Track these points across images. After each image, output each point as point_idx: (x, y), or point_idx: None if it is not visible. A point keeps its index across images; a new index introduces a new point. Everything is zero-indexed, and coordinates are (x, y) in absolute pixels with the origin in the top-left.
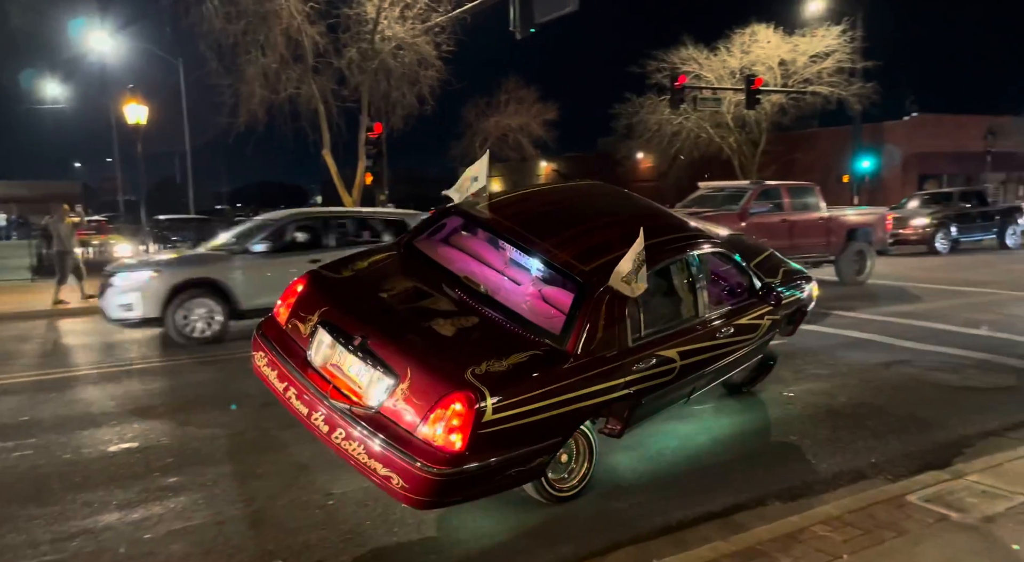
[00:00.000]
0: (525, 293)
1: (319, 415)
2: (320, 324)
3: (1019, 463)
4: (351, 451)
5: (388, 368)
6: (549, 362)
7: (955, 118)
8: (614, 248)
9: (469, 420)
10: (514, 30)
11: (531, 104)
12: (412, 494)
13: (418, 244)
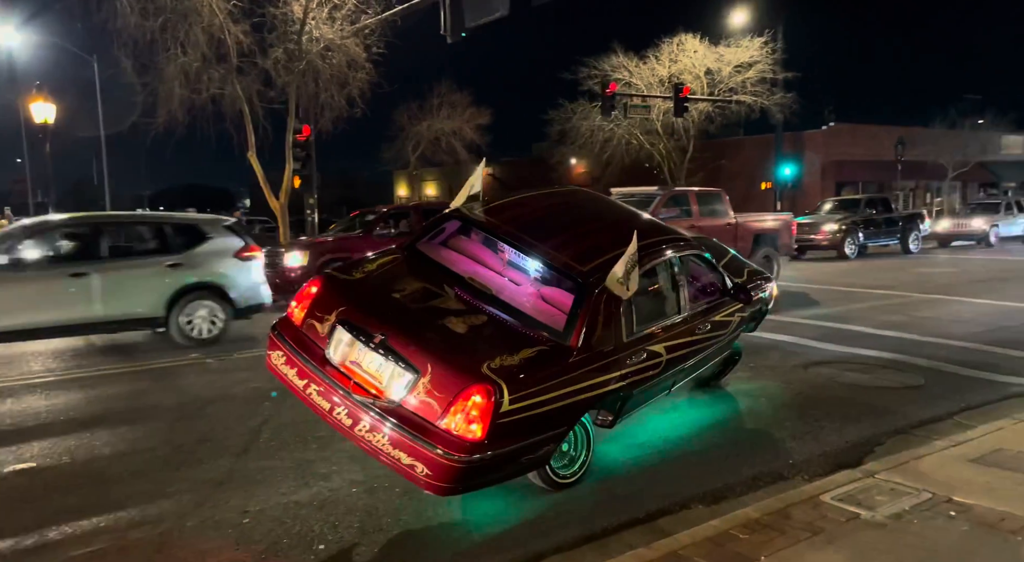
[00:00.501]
0: (525, 293)
1: (341, 409)
2: (339, 323)
3: (924, 460)
4: (375, 442)
5: (409, 364)
6: (556, 357)
7: (869, 128)
8: (607, 250)
9: (488, 410)
10: (445, 34)
11: (464, 108)
12: (435, 481)
13: (421, 247)
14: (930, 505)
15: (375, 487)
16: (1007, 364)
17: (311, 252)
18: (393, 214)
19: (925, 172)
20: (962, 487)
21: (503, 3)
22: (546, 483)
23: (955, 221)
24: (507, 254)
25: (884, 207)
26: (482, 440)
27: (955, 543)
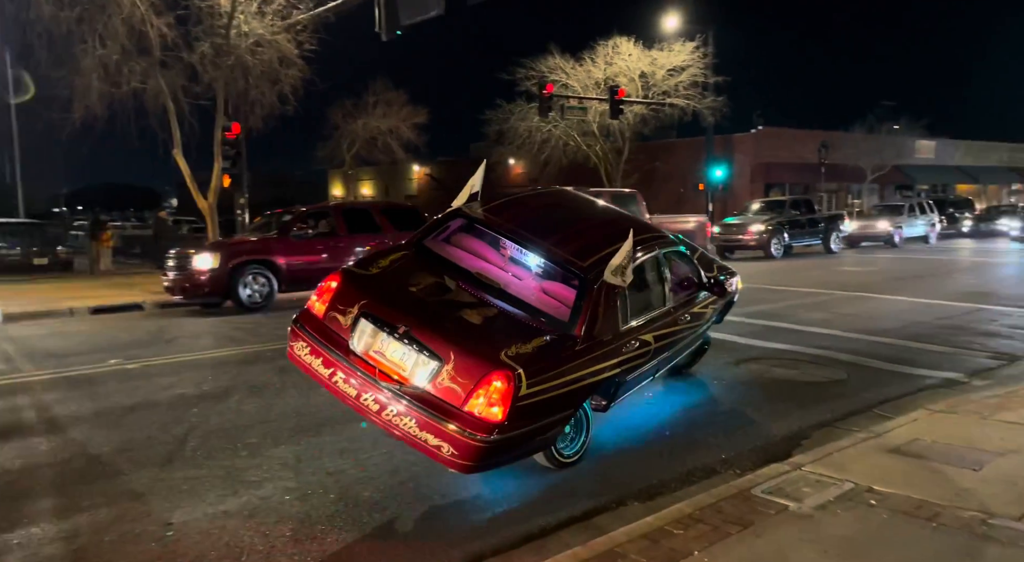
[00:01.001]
0: (529, 287)
1: (369, 396)
2: (362, 315)
3: (847, 452)
4: (403, 425)
5: (433, 353)
6: (563, 345)
7: (794, 132)
8: (602, 246)
9: (508, 394)
10: (380, 32)
11: (400, 107)
12: (460, 460)
13: (428, 244)
14: (852, 495)
15: (309, 494)
16: (921, 358)
17: (222, 254)
18: (312, 214)
19: (846, 175)
20: (881, 477)
21: (439, 2)
22: (551, 463)
23: (862, 223)
24: (509, 251)
25: (808, 208)
26: (503, 422)
27: (875, 531)
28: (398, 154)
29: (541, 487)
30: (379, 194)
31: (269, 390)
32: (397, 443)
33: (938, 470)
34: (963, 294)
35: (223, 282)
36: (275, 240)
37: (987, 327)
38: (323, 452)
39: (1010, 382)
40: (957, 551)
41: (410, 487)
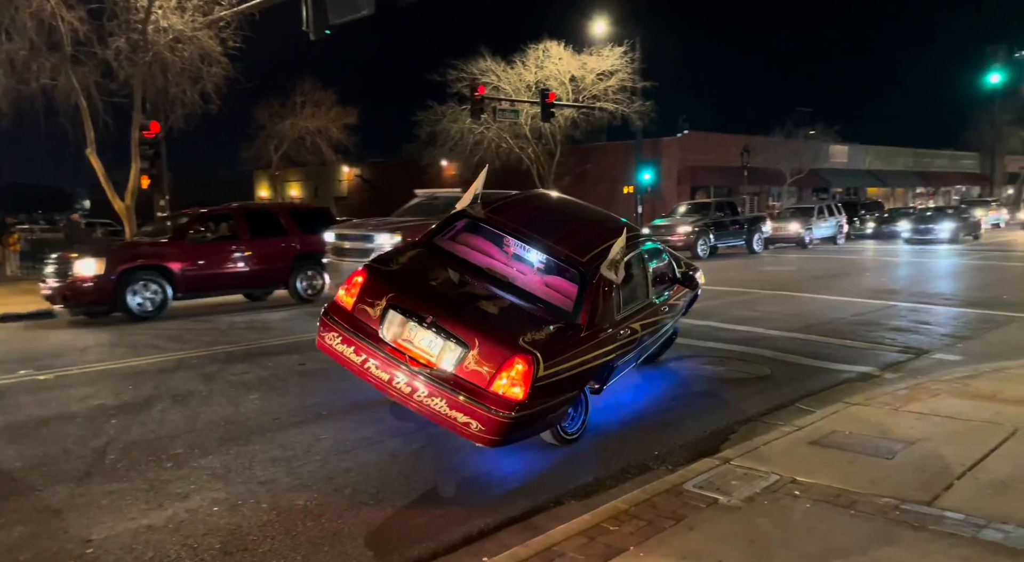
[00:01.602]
0: (533, 281)
1: (400, 380)
2: (390, 307)
3: (773, 444)
4: (433, 406)
5: (459, 340)
6: (571, 332)
7: (718, 136)
8: (596, 244)
9: (529, 376)
10: (307, 30)
11: (330, 107)
12: (487, 435)
13: (438, 242)
14: (778, 486)
15: (239, 504)
16: (839, 353)
17: (108, 259)
18: (212, 217)
19: (767, 178)
20: (804, 468)
21: (369, 2)
22: (556, 440)
23: (775, 225)
24: (512, 248)
25: (732, 210)
26: (524, 400)
27: (799, 520)
28: (327, 155)
29: (481, 490)
30: (308, 196)
31: (195, 398)
32: (331, 450)
33: (855, 460)
34: (874, 291)
35: (109, 290)
36: (170, 244)
37: (896, 323)
38: (254, 461)
39: (918, 374)
40: (873, 536)
41: (346, 494)
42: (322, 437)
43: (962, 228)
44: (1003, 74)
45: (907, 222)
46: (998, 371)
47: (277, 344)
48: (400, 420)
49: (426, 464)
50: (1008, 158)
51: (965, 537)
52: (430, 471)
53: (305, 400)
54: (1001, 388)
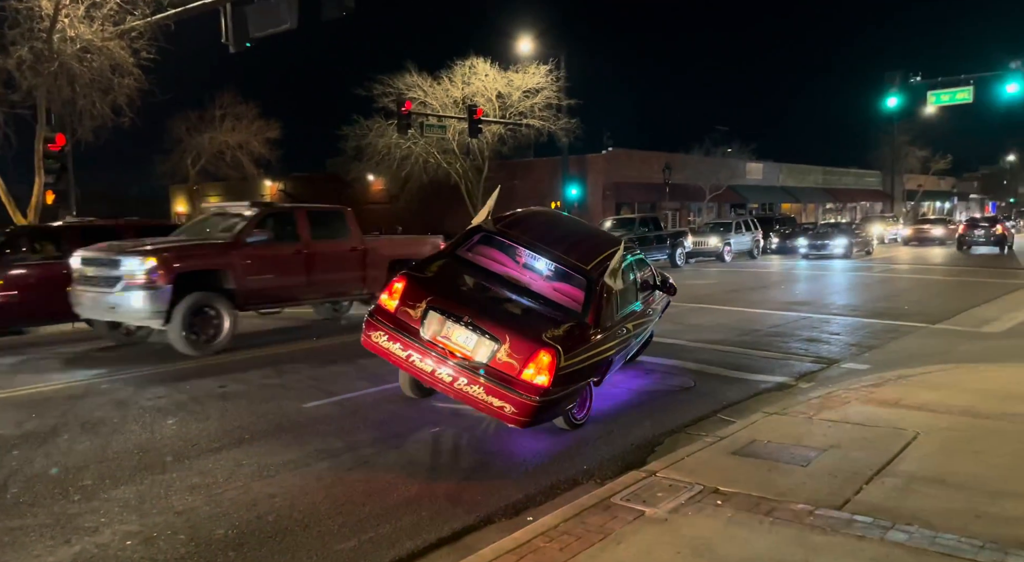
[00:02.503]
0: (544, 287)
1: (442, 371)
2: (430, 308)
3: (696, 455)
4: (472, 393)
5: (492, 336)
6: (582, 330)
7: (641, 153)
8: (596, 254)
9: (553, 366)
10: (227, 43)
11: (251, 120)
12: (519, 416)
13: (460, 253)
14: (701, 497)
15: (154, 537)
16: (757, 364)
17: None
18: (39, 234)
19: (688, 194)
20: (726, 478)
21: (291, 15)
22: (567, 424)
23: (696, 239)
24: (523, 258)
25: (655, 226)
26: (548, 387)
27: (721, 529)
28: (249, 169)
29: (412, 511)
30: None
31: (105, 426)
32: (253, 475)
33: (774, 468)
34: (788, 304)
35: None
36: None
37: (809, 334)
38: (170, 490)
39: (830, 383)
40: (789, 541)
41: (270, 521)
42: (244, 462)
43: (855, 244)
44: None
45: (804, 238)
46: (901, 378)
47: (196, 366)
48: (326, 442)
49: (355, 487)
50: (907, 176)
51: (873, 539)
52: (359, 494)
53: (226, 424)
54: (904, 394)
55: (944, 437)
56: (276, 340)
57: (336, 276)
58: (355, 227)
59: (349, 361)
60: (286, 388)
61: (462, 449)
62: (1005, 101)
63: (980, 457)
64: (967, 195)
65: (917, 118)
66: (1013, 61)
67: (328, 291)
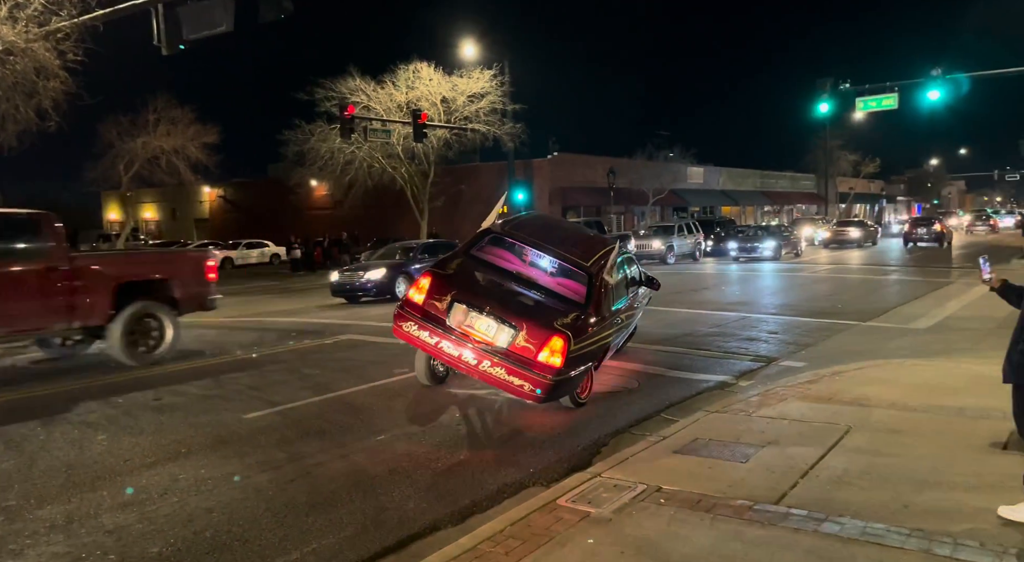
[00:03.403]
0: (550, 281)
1: (468, 355)
2: (455, 301)
3: (640, 455)
4: (495, 374)
5: (511, 324)
6: (586, 319)
7: (586, 158)
8: (591, 253)
9: (565, 349)
10: (159, 45)
11: (187, 125)
12: (536, 393)
13: (474, 253)
14: (645, 496)
15: (82, 557)
16: (699, 363)
17: None
18: None
19: (632, 198)
20: (669, 477)
21: (227, 17)
22: (572, 402)
23: (639, 242)
24: (529, 256)
25: (599, 229)
26: (561, 367)
27: (664, 527)
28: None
29: (353, 521)
30: (164, 218)
31: (30, 444)
32: (190, 489)
33: (715, 465)
34: (729, 305)
35: None
36: None
37: (749, 333)
38: (100, 508)
39: (768, 381)
40: (729, 536)
41: (207, 536)
42: (180, 477)
43: (784, 246)
44: (830, 104)
45: (734, 241)
46: (835, 375)
47: (131, 379)
48: (268, 453)
49: (298, 498)
50: (839, 179)
51: (808, 531)
52: (302, 506)
53: (161, 438)
54: (838, 390)
55: (874, 430)
56: (216, 351)
57: (20, 305)
58: (59, 239)
59: (292, 371)
60: (226, 399)
61: (411, 457)
62: (927, 107)
63: (907, 449)
64: (895, 197)
65: (847, 123)
66: (934, 69)
67: (12, 329)
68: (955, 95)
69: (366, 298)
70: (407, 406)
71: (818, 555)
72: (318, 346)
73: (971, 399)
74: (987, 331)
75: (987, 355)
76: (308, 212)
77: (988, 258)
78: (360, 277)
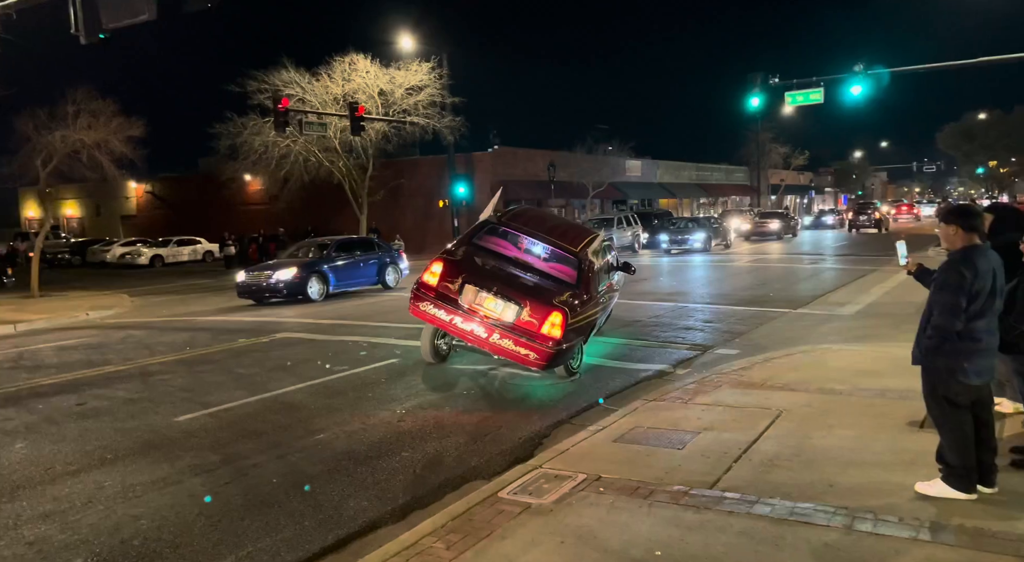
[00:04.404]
0: (545, 265)
1: (479, 329)
2: (465, 282)
3: (580, 445)
4: (503, 345)
5: (516, 302)
6: (579, 296)
7: (527, 151)
8: (578, 240)
9: (564, 323)
10: (78, 34)
11: (109, 118)
12: (540, 361)
13: (476, 241)
14: (585, 485)
15: None
16: (638, 353)
17: None
18: None
19: (572, 191)
20: (608, 466)
21: (149, 6)
22: (566, 372)
23: None
24: (525, 244)
25: None
26: (560, 338)
27: (604, 516)
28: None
29: (293, 521)
30: (89, 215)
31: None
32: (117, 497)
33: (652, 453)
34: (666, 295)
35: None
36: None
37: (686, 323)
38: (20, 519)
39: (704, 369)
40: (666, 522)
41: (135, 545)
42: (106, 484)
43: (714, 237)
44: (761, 98)
45: (665, 234)
46: (767, 361)
47: (50, 383)
48: (201, 456)
49: (233, 501)
50: (771, 171)
51: (741, 514)
52: (237, 508)
53: (85, 444)
54: (770, 376)
55: (803, 414)
56: (145, 354)
57: None
58: None
59: (226, 371)
60: (155, 402)
61: (350, 455)
62: (851, 102)
63: (833, 431)
64: (823, 188)
65: (778, 117)
66: (857, 65)
67: None
68: (876, 89)
69: (275, 299)
70: (346, 404)
71: (749, 536)
72: (253, 345)
73: (892, 381)
74: (906, 315)
75: (907, 338)
76: (242, 207)
77: (905, 243)
78: (269, 277)
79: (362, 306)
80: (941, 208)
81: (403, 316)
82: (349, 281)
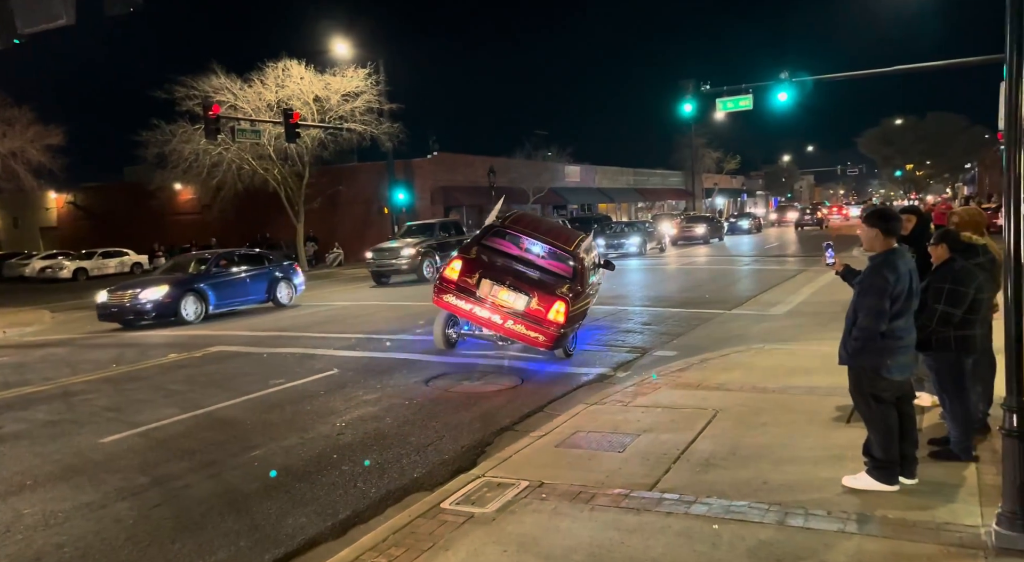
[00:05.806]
0: (545, 262)
1: (495, 317)
2: (482, 277)
3: (523, 452)
4: (517, 330)
5: (527, 293)
6: (576, 288)
7: (467, 157)
8: (572, 240)
9: (566, 310)
10: None
11: (26, 126)
12: (547, 343)
13: (484, 242)
14: (528, 492)
15: None
16: (579, 357)
17: None
18: None
19: (513, 196)
20: (551, 471)
21: (67, 10)
22: (564, 354)
23: None
24: (525, 244)
25: (457, 230)
26: (564, 323)
27: (547, 522)
28: (26, 181)
29: (230, 542)
30: (6, 227)
31: None
32: (37, 525)
33: (594, 457)
34: (604, 298)
35: None
36: None
37: (625, 325)
38: None
39: (643, 371)
40: (607, 526)
41: None
42: (25, 511)
43: (649, 241)
44: (693, 105)
45: (601, 238)
46: (703, 362)
47: None
48: (128, 478)
49: (163, 524)
50: (705, 175)
51: (679, 514)
52: (168, 531)
53: (1, 471)
54: (705, 377)
55: (737, 413)
56: (67, 372)
57: None
58: None
59: (156, 388)
60: (79, 423)
61: (288, 471)
62: (779, 107)
63: (766, 429)
64: (755, 191)
65: (710, 122)
66: (782, 72)
67: None
68: (802, 96)
69: (144, 321)
70: (284, 418)
71: (688, 536)
72: (185, 359)
73: (820, 378)
74: (833, 314)
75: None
76: (173, 217)
77: (832, 245)
78: (135, 296)
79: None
80: (864, 210)
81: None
82: (233, 300)
